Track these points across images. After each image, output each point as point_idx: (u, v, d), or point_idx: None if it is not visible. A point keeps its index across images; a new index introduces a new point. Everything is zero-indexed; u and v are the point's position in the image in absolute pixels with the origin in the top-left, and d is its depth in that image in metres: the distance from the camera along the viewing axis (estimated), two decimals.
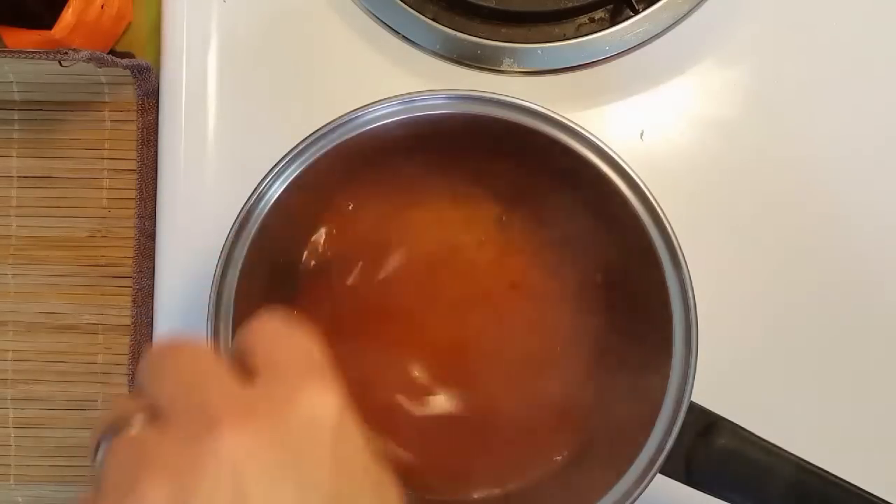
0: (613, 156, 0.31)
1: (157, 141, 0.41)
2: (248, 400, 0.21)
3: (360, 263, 0.36)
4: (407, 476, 0.35)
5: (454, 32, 0.40)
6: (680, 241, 0.31)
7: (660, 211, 0.31)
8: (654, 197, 0.31)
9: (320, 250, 0.36)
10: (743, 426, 0.31)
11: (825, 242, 0.40)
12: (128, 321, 0.41)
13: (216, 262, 0.31)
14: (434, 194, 0.36)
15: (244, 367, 0.23)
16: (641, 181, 0.31)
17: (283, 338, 0.24)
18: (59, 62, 0.38)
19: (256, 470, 0.20)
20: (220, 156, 0.41)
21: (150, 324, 0.41)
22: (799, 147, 0.40)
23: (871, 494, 0.30)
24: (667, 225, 0.31)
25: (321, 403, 0.21)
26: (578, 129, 0.31)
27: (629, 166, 0.31)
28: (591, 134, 0.31)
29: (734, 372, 0.39)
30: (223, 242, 0.31)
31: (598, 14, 0.41)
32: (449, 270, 0.37)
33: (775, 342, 0.40)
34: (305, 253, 0.36)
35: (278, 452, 0.20)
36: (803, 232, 0.40)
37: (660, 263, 0.31)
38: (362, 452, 0.22)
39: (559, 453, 0.35)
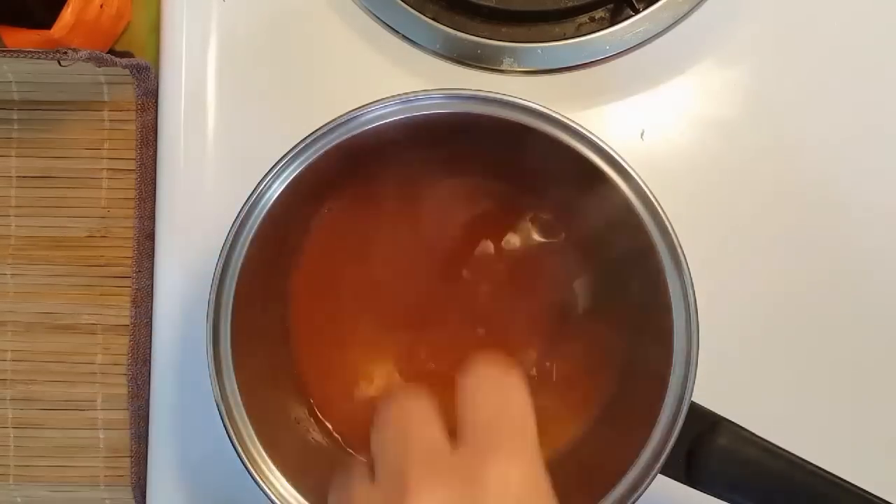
0: (614, 155, 0.31)
1: (156, 140, 0.41)
2: (446, 465, 0.23)
3: (360, 262, 0.36)
4: None
5: (454, 32, 0.40)
6: (680, 241, 0.31)
7: (661, 211, 0.31)
8: (654, 197, 0.31)
9: (320, 250, 0.36)
10: (743, 426, 0.31)
11: (826, 242, 0.40)
12: (126, 321, 0.41)
13: (216, 262, 0.31)
14: (434, 194, 0.36)
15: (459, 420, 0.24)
16: (642, 181, 0.31)
17: (494, 395, 0.25)
18: (59, 62, 0.38)
19: None
20: (219, 156, 0.41)
21: (149, 324, 0.41)
22: (799, 147, 0.40)
23: (871, 494, 0.30)
24: (667, 225, 0.31)
25: (516, 472, 0.22)
26: (579, 128, 0.31)
27: (630, 166, 0.31)
28: (592, 133, 0.31)
29: (734, 372, 0.39)
30: (223, 242, 0.31)
31: (599, 13, 0.41)
32: (448, 270, 0.37)
33: (776, 342, 0.40)
34: (305, 253, 0.36)
35: None
36: (804, 231, 0.40)
37: (660, 263, 0.31)
38: None
39: (560, 454, 0.35)
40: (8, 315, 0.42)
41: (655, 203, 0.31)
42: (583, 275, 0.36)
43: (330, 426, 0.36)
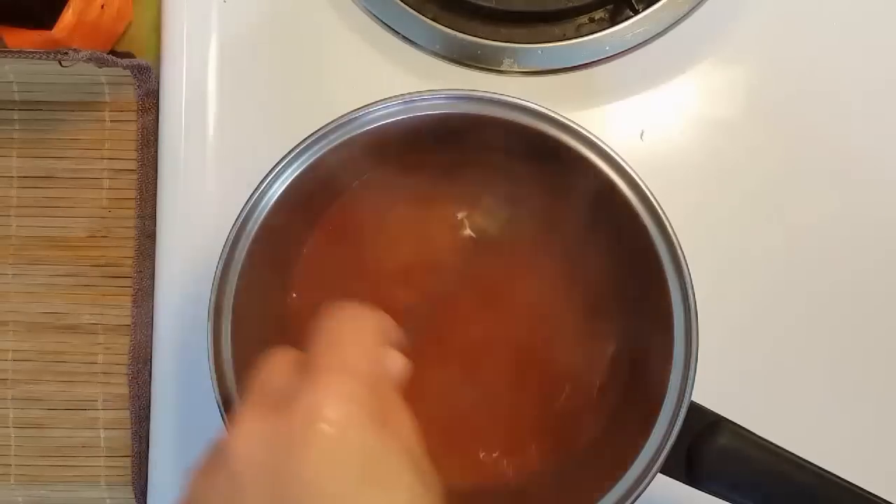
0: (614, 156, 0.31)
1: (157, 141, 0.41)
2: (274, 399, 0.23)
3: (360, 263, 0.36)
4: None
5: (454, 32, 0.40)
6: (680, 241, 0.31)
7: (661, 211, 0.31)
8: (654, 197, 0.31)
9: (320, 250, 0.36)
10: (743, 426, 0.31)
11: (826, 242, 0.40)
12: (128, 321, 0.41)
13: (216, 262, 0.31)
14: (434, 194, 0.36)
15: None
16: (642, 181, 0.31)
17: (334, 333, 0.25)
18: (60, 62, 0.38)
19: (250, 481, 0.22)
20: (220, 156, 0.41)
21: (150, 324, 0.41)
22: (799, 147, 0.40)
23: (872, 494, 0.30)
24: (668, 225, 0.31)
25: (328, 403, 0.22)
26: (579, 128, 0.31)
27: (630, 166, 0.31)
28: (592, 134, 0.31)
29: (735, 372, 0.39)
30: (223, 242, 0.31)
31: (598, 14, 0.41)
32: (448, 269, 0.37)
33: (776, 341, 0.40)
34: (305, 253, 0.36)
35: (267, 461, 0.22)
36: (804, 231, 0.40)
37: (660, 264, 0.31)
38: (367, 460, 0.23)
39: (560, 453, 0.35)
40: (9, 315, 0.42)
41: (655, 203, 0.31)
42: (583, 275, 0.36)
43: None
